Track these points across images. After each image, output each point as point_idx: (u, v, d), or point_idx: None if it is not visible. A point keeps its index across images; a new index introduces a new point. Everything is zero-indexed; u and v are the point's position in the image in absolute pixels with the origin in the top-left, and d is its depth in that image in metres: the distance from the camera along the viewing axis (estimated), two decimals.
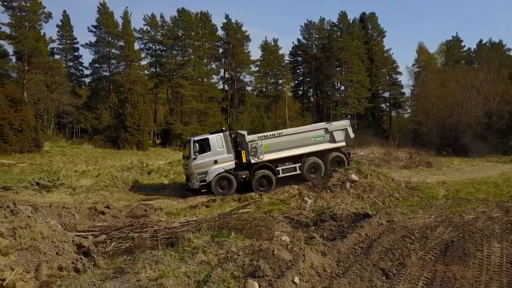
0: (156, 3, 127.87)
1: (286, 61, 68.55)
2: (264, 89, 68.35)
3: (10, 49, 47.30)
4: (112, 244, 9.03)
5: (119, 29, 52.81)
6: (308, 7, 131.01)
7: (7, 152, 32.41)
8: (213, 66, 64.02)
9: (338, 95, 65.95)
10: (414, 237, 8.72)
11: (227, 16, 62.28)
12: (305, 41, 69.86)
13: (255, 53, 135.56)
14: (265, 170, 18.31)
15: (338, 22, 68.33)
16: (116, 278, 7.07)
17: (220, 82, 66.48)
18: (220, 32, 62.52)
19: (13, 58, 48.42)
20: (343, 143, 19.69)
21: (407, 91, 71.16)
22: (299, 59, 71.46)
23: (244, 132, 18.97)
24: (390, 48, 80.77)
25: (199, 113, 54.15)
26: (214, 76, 64.23)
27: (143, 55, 56.80)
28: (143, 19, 56.98)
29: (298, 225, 11.25)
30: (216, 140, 18.27)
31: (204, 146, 18.15)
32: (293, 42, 75.48)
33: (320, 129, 19.71)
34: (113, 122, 46.50)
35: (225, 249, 8.12)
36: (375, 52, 68.00)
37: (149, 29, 56.78)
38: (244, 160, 18.37)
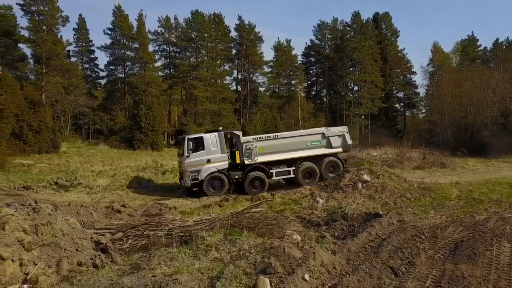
0: (170, 6, 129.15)
1: (299, 62, 68.66)
2: (277, 90, 68.52)
3: (28, 52, 48.62)
4: (129, 242, 9.34)
5: (134, 32, 53.57)
6: (320, 7, 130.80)
7: (26, 152, 33.22)
8: (226, 67, 64.49)
9: (351, 95, 65.73)
10: (424, 237, 8.80)
11: (240, 18, 62.91)
12: (318, 42, 69.80)
13: (268, 53, 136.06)
14: (258, 172, 18.30)
15: (351, 22, 68.18)
16: (132, 274, 7.35)
17: (233, 83, 66.99)
18: (233, 33, 63.00)
19: (31, 61, 49.64)
20: (340, 149, 19.56)
21: (421, 91, 70.54)
22: (312, 59, 71.41)
23: (239, 133, 19.08)
24: (404, 48, 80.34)
25: (212, 114, 54.58)
26: (227, 77, 64.77)
27: (157, 56, 57.58)
28: (158, 21, 57.68)
29: (309, 224, 11.41)
30: (211, 139, 18.33)
31: (198, 145, 18.23)
32: (306, 43, 75.50)
33: (316, 133, 19.57)
34: (128, 123, 47.22)
35: (238, 247, 8.34)
36: (388, 52, 67.62)
37: (163, 31, 57.56)
38: (237, 161, 18.40)
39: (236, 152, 18.50)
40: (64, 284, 6.94)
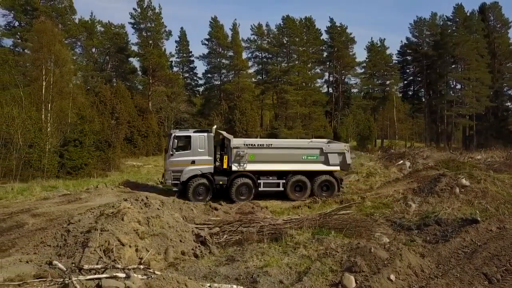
0: (262, 13, 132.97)
1: (394, 61, 65.80)
2: (370, 91, 66.49)
3: (137, 65, 54.08)
4: (224, 236, 10.23)
5: (229, 41, 56.33)
6: (417, 3, 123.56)
7: (136, 155, 37.21)
8: (317, 70, 64.32)
9: (453, 94, 60.95)
10: None
11: (331, 20, 62.19)
12: (415, 39, 66.17)
13: (361, 54, 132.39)
14: (246, 180, 17.07)
15: (452, 16, 63.35)
16: (228, 265, 8.17)
17: (325, 86, 66.60)
18: (324, 36, 62.72)
19: (140, 73, 55.01)
20: (337, 167, 17.95)
21: None
22: (409, 58, 67.82)
23: (230, 137, 17.68)
24: None
25: (303, 117, 54.94)
26: (318, 80, 64.52)
27: (250, 63, 59.51)
28: (250, 29, 59.65)
29: (400, 228, 11.21)
30: (199, 139, 17.20)
31: (185, 144, 17.25)
32: (401, 41, 72.09)
33: (314, 148, 17.99)
34: (223, 128, 49.86)
35: (325, 245, 8.70)
36: (498, 46, 61.37)
37: (255, 38, 59.49)
38: (225, 166, 17.20)
39: (225, 156, 17.35)
40: (171, 269, 7.99)
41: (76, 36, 47.64)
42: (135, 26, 50.38)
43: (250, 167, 17.13)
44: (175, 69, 60.64)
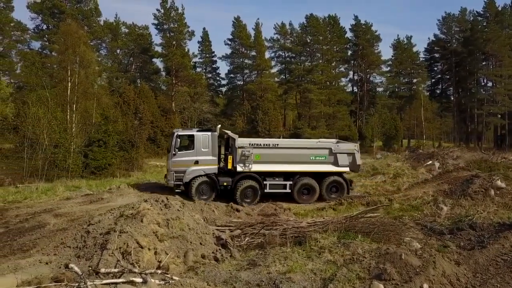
0: (286, 12, 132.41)
1: (421, 59, 64.09)
2: (396, 90, 65.00)
3: (161, 65, 54.56)
4: (246, 239, 9.91)
5: (251, 40, 56.06)
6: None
7: (159, 155, 37.37)
8: (342, 69, 63.41)
9: (484, 92, 58.85)
10: None
11: (356, 17, 61.16)
12: (443, 36, 64.24)
13: (386, 52, 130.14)
14: (251, 181, 16.50)
15: (483, 11, 61.13)
16: (249, 269, 7.81)
17: (349, 85, 65.56)
18: (349, 34, 61.75)
19: (163, 73, 55.49)
20: (347, 169, 17.33)
21: None
22: (436, 55, 65.97)
23: (235, 136, 17.09)
24: None
25: (327, 117, 54.17)
26: (342, 79, 63.59)
27: (273, 63, 59.03)
28: (273, 28, 59.28)
29: (431, 232, 10.63)
30: (202, 139, 16.82)
31: (188, 143, 16.94)
32: (428, 38, 70.18)
33: (323, 148, 17.34)
34: (246, 128, 49.66)
35: (351, 250, 8.25)
36: None
37: (279, 37, 59.04)
38: (229, 166, 16.73)
39: (230, 156, 16.86)
40: (190, 273, 7.70)
41: (101, 37, 48.58)
42: (158, 27, 50.84)
43: (256, 167, 16.64)
44: (198, 69, 60.94)
